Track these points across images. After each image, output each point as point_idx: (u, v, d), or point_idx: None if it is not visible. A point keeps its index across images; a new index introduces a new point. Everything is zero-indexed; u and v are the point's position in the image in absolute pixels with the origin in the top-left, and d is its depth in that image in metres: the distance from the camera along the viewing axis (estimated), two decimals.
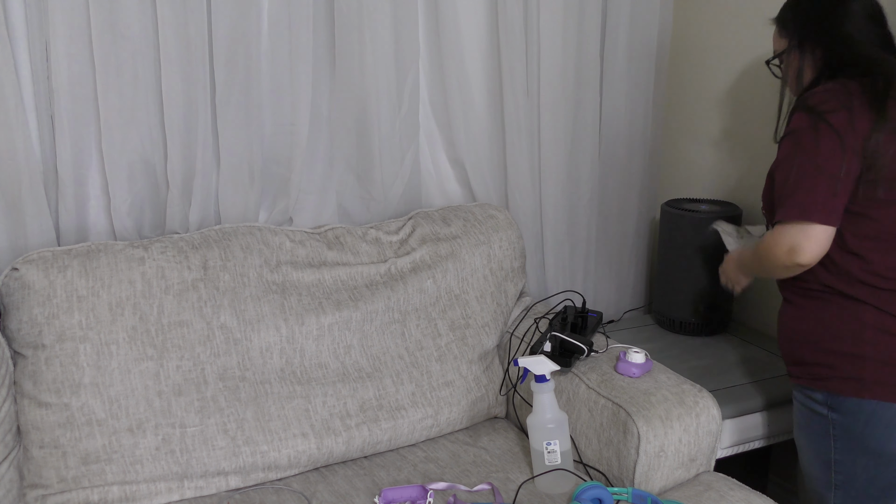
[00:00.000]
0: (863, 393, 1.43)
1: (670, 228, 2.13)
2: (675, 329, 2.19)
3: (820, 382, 1.49)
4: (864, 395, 1.43)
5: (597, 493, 1.45)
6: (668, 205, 2.16)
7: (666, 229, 2.16)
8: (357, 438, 1.70)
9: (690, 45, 2.33)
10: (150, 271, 1.63)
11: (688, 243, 2.09)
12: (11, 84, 1.58)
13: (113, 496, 1.53)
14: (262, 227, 1.81)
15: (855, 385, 1.44)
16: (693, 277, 2.11)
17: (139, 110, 1.74)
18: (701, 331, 2.16)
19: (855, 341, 1.44)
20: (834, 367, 1.46)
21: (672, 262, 2.15)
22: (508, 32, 2.03)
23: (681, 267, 2.13)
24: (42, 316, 1.54)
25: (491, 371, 1.91)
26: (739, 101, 2.19)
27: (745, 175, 2.19)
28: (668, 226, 2.14)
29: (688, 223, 2.07)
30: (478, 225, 1.98)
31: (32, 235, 1.68)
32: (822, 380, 1.48)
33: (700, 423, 1.61)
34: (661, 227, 2.20)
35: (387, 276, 1.85)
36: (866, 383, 1.43)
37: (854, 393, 1.44)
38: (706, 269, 2.08)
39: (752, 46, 2.13)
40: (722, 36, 2.22)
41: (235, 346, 1.67)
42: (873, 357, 1.43)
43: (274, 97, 1.88)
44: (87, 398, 1.54)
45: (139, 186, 1.79)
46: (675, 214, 2.11)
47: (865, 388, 1.43)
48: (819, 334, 1.49)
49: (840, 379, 1.45)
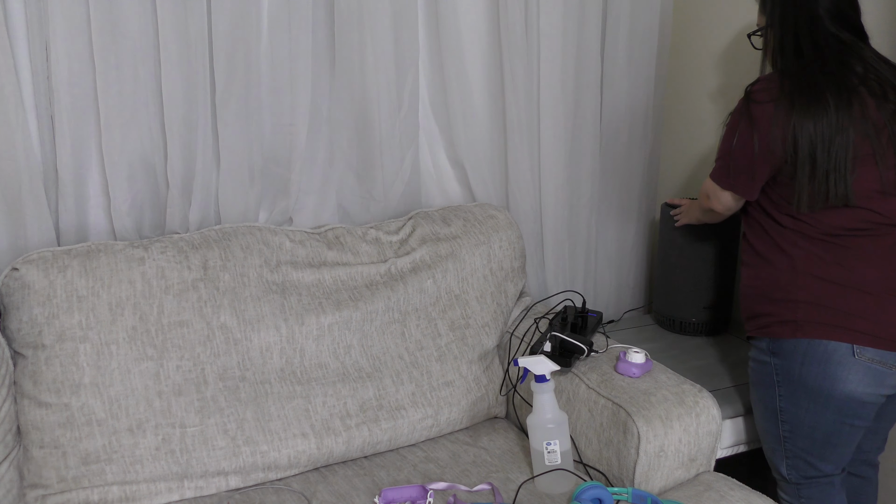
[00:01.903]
0: (796, 333, 1.55)
1: (670, 228, 2.13)
2: (676, 329, 2.19)
3: (763, 330, 1.62)
4: (797, 334, 1.55)
5: (597, 493, 1.45)
6: (669, 205, 2.16)
7: (666, 229, 2.16)
8: (357, 438, 1.70)
9: (691, 45, 2.33)
10: (150, 271, 1.63)
11: (688, 243, 2.09)
12: (11, 84, 1.58)
13: (113, 496, 1.53)
14: (262, 227, 1.81)
15: (791, 327, 1.56)
16: (693, 277, 2.11)
17: (139, 110, 1.73)
18: (701, 331, 2.16)
19: (790, 287, 1.57)
20: (773, 314, 1.59)
21: (672, 262, 2.15)
22: (509, 32, 2.03)
23: (681, 267, 2.13)
24: (42, 316, 1.54)
25: (491, 371, 1.91)
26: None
27: None
28: (668, 226, 2.14)
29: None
30: (478, 225, 1.98)
31: (32, 235, 1.68)
32: (764, 327, 1.61)
33: (700, 423, 1.61)
34: (661, 227, 2.20)
35: (387, 276, 1.85)
36: (799, 324, 1.55)
37: (789, 335, 1.56)
38: (706, 268, 2.08)
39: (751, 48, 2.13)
40: (722, 36, 2.22)
41: (235, 346, 1.67)
42: (804, 300, 1.55)
43: (274, 97, 1.88)
44: (87, 398, 1.54)
45: (139, 186, 1.79)
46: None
47: (798, 328, 1.55)
48: (762, 286, 1.62)
49: (778, 323, 1.58)
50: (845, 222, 1.52)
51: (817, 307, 1.54)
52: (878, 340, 1.51)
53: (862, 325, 1.51)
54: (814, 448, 1.60)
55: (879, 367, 1.52)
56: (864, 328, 1.51)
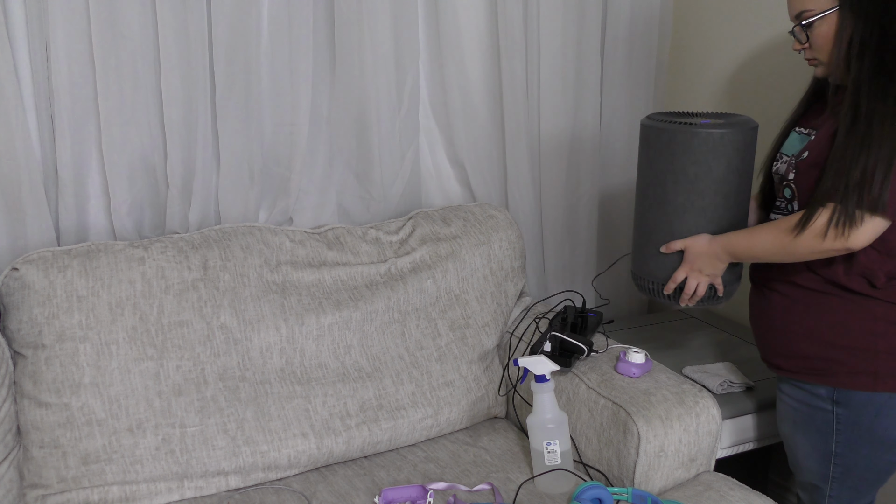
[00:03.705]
0: (877, 386, 1.42)
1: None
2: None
3: (824, 378, 1.46)
4: (878, 388, 1.42)
5: (597, 493, 1.45)
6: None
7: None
8: (357, 438, 1.71)
9: (691, 45, 2.33)
10: (151, 271, 1.63)
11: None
12: (11, 84, 1.58)
13: (113, 496, 1.53)
14: (262, 227, 1.81)
15: (867, 379, 1.43)
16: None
17: (139, 110, 1.74)
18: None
19: (865, 335, 1.42)
20: (842, 361, 1.44)
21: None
22: (508, 32, 2.03)
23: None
24: (42, 316, 1.54)
25: (491, 371, 1.91)
26: (741, 100, 2.19)
27: None
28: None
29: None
30: (478, 225, 1.98)
31: (32, 235, 1.68)
32: (827, 375, 1.46)
33: (700, 423, 1.61)
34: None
35: (387, 276, 1.85)
36: (880, 376, 1.42)
37: (866, 387, 1.43)
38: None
39: (753, 45, 2.13)
40: (723, 35, 2.22)
41: (235, 346, 1.67)
42: (885, 350, 1.41)
43: (274, 97, 1.88)
44: (87, 398, 1.54)
45: (139, 186, 1.79)
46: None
47: (880, 382, 1.42)
48: (822, 329, 1.46)
49: (849, 373, 1.44)
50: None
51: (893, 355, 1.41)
52: None
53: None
54: (863, 485, 1.52)
55: None
56: None
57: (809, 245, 1.37)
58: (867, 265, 1.41)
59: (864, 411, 1.44)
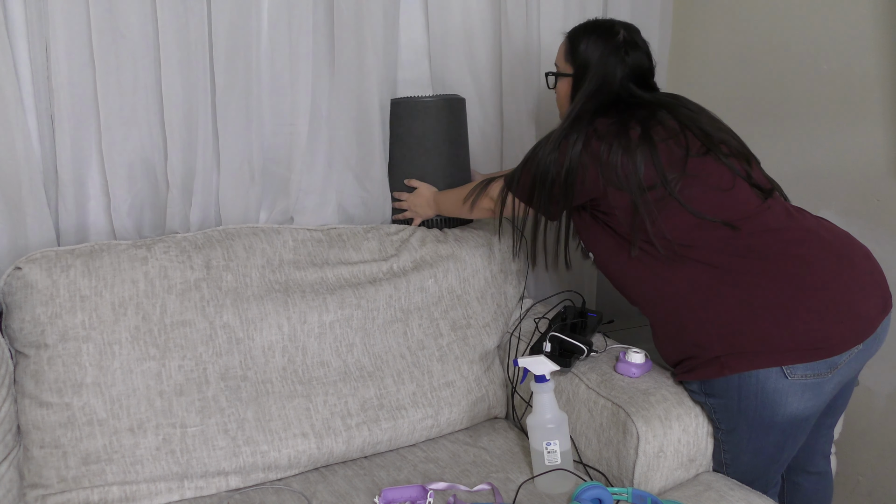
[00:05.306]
0: (723, 372, 1.51)
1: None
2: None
3: (691, 374, 1.58)
4: (724, 373, 1.51)
5: (597, 493, 1.46)
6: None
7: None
8: (357, 438, 1.71)
9: (691, 45, 2.33)
10: (153, 271, 1.63)
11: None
12: (11, 84, 1.58)
13: (113, 496, 1.53)
14: (265, 226, 1.81)
15: (714, 367, 1.52)
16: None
17: (139, 110, 1.73)
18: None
19: (691, 330, 1.54)
20: (694, 356, 1.56)
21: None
22: (509, 33, 2.03)
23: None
24: (45, 315, 1.54)
25: (491, 371, 1.91)
26: (739, 101, 2.19)
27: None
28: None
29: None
30: (478, 225, 1.98)
31: (32, 235, 1.68)
32: (690, 371, 1.58)
33: (699, 423, 1.61)
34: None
35: (389, 273, 1.86)
36: (724, 363, 1.50)
37: (716, 374, 1.52)
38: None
39: (751, 48, 2.13)
40: (722, 35, 2.22)
41: (238, 346, 1.67)
42: (709, 339, 1.51)
43: (274, 97, 1.88)
44: (89, 398, 1.54)
45: (139, 186, 1.79)
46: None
47: (726, 367, 1.50)
48: (671, 332, 1.60)
49: (702, 365, 1.54)
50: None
51: (737, 338, 1.48)
52: (802, 354, 1.45)
53: (782, 343, 1.45)
54: (757, 471, 1.58)
55: (814, 379, 1.46)
56: (785, 346, 1.45)
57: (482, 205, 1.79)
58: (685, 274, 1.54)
59: (728, 396, 1.52)
